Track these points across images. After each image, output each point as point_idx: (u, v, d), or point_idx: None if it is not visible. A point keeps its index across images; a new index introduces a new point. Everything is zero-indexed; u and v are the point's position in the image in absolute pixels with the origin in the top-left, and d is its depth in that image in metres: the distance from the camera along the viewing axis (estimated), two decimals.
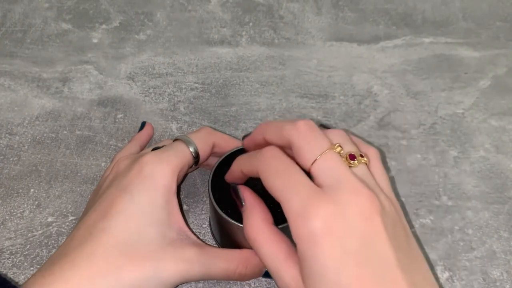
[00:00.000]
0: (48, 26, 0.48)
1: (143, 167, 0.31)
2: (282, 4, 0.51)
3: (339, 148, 0.27)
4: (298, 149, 0.27)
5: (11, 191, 0.38)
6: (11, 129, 0.41)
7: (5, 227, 0.36)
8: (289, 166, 0.27)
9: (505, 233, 0.37)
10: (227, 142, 0.36)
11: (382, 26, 0.49)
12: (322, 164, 0.26)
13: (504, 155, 0.41)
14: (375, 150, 0.30)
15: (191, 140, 0.34)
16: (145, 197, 0.30)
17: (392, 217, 0.26)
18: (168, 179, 0.31)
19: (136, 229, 0.29)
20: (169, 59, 0.46)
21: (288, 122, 0.29)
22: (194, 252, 0.30)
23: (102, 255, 0.27)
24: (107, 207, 0.30)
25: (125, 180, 0.31)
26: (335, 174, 0.26)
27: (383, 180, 0.28)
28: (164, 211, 0.30)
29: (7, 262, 0.34)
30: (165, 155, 0.32)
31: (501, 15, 0.50)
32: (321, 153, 0.26)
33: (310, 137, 0.27)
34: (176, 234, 0.30)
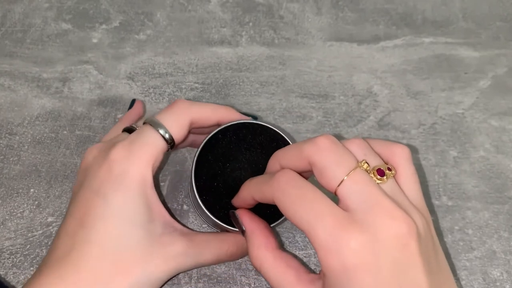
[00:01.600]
0: (48, 26, 0.48)
1: (112, 165, 0.28)
2: (282, 4, 0.51)
3: (365, 164, 0.25)
4: (322, 169, 0.25)
5: (11, 191, 0.38)
6: (11, 129, 0.41)
7: (5, 227, 0.36)
8: (310, 191, 0.24)
9: (505, 233, 0.37)
10: (210, 116, 0.32)
11: (382, 26, 0.49)
12: (350, 185, 0.24)
13: (504, 155, 0.41)
14: (402, 149, 0.27)
15: (160, 122, 0.30)
16: (120, 199, 0.28)
17: (426, 238, 0.24)
18: (141, 175, 0.28)
19: (118, 234, 0.27)
20: (169, 59, 0.46)
21: (307, 141, 0.26)
22: (183, 246, 0.29)
23: (89, 267, 0.26)
24: (83, 213, 0.28)
25: (96, 181, 0.28)
26: (365, 196, 0.24)
27: (413, 190, 0.26)
28: (144, 208, 0.28)
29: (7, 262, 0.34)
30: (134, 148, 0.29)
31: (501, 15, 0.50)
32: (348, 173, 0.24)
33: (333, 155, 0.25)
34: (162, 228, 0.29)
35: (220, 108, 0.32)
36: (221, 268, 0.35)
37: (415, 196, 0.26)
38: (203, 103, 0.32)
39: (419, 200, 0.26)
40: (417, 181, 0.27)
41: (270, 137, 0.33)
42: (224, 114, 0.32)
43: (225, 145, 0.32)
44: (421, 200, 0.26)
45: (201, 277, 0.34)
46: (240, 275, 0.34)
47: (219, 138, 0.32)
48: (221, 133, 0.32)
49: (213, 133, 0.32)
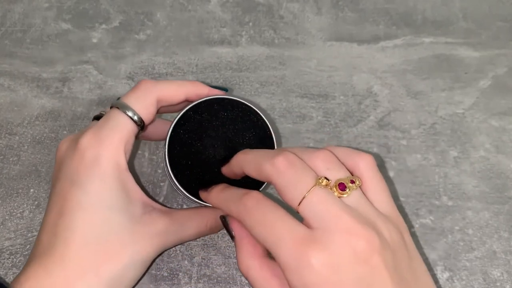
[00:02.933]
0: (48, 26, 0.48)
1: (83, 153, 0.28)
2: (282, 4, 0.51)
3: (325, 181, 0.25)
4: (281, 190, 0.25)
5: (11, 191, 0.38)
6: (10, 129, 0.41)
7: (5, 227, 0.36)
8: (273, 213, 0.25)
9: (505, 233, 0.37)
10: (176, 92, 0.32)
11: (382, 26, 0.49)
12: (309, 204, 0.24)
13: (504, 155, 0.41)
14: (367, 158, 0.27)
15: (127, 104, 0.30)
16: (96, 185, 0.28)
17: (396, 248, 0.24)
18: (114, 159, 0.28)
19: (100, 221, 0.27)
20: (169, 59, 0.46)
21: (266, 158, 0.26)
22: (164, 223, 0.29)
23: (74, 257, 0.26)
24: (61, 204, 0.28)
25: (70, 170, 0.28)
26: (323, 213, 0.24)
27: (382, 199, 0.26)
28: (121, 192, 0.28)
29: (6, 262, 0.34)
30: (103, 132, 0.29)
31: (501, 15, 0.50)
32: (307, 191, 0.24)
33: (291, 175, 0.25)
34: (141, 209, 0.29)
35: (187, 84, 0.32)
36: (221, 268, 0.35)
37: (385, 204, 0.26)
38: (169, 80, 0.32)
39: (389, 209, 0.26)
40: (385, 189, 0.27)
41: (242, 112, 0.33)
42: (192, 89, 0.32)
43: (197, 122, 0.32)
44: (392, 208, 0.26)
45: (201, 277, 0.34)
46: (240, 275, 0.34)
47: (190, 116, 0.32)
48: (192, 110, 0.32)
49: (184, 111, 0.32)
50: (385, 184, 0.27)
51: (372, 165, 0.27)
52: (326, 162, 0.26)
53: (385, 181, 0.27)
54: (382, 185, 0.27)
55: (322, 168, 0.26)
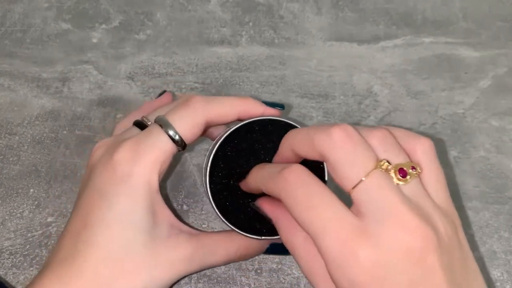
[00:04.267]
0: (47, 26, 0.48)
1: (116, 167, 0.27)
2: (282, 4, 0.51)
3: (386, 164, 0.22)
4: (335, 167, 0.22)
5: (11, 191, 0.38)
6: (10, 129, 0.41)
7: (4, 227, 0.36)
8: (319, 195, 0.22)
9: (505, 233, 0.37)
10: (228, 113, 0.29)
11: (382, 26, 0.49)
12: (366, 189, 0.21)
13: (505, 155, 0.41)
14: (426, 143, 0.24)
15: (170, 122, 0.28)
16: (123, 203, 0.27)
17: (451, 246, 0.22)
18: (147, 179, 0.27)
19: (122, 238, 0.26)
20: (169, 59, 0.46)
21: (320, 130, 0.23)
22: (190, 249, 0.28)
23: (92, 271, 0.26)
24: (86, 213, 0.27)
25: (100, 181, 0.28)
26: (381, 203, 0.21)
27: (439, 190, 0.24)
28: (148, 213, 0.27)
29: (6, 263, 0.34)
30: (140, 149, 0.28)
31: (501, 15, 0.50)
32: (366, 174, 0.21)
33: (349, 151, 0.22)
34: (167, 231, 0.28)
35: (240, 102, 0.29)
36: (221, 269, 0.35)
37: (441, 197, 0.24)
38: (221, 98, 0.29)
39: (446, 201, 0.24)
40: (443, 180, 0.24)
41: None
42: (245, 109, 0.29)
43: (243, 143, 0.29)
44: (448, 201, 0.24)
45: (201, 277, 0.34)
46: (240, 275, 0.34)
47: (238, 136, 0.29)
48: (240, 131, 0.29)
49: (231, 131, 0.29)
50: (443, 173, 0.25)
51: (431, 151, 0.24)
52: (385, 143, 0.23)
53: (442, 169, 0.25)
54: (440, 174, 0.24)
55: (380, 149, 0.23)
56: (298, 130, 0.26)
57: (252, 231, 0.29)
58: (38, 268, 0.34)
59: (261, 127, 0.30)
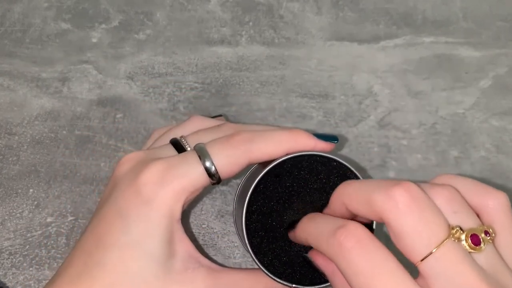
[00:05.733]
0: (47, 26, 0.48)
1: (141, 188, 0.25)
2: (282, 4, 0.50)
3: (459, 232, 0.19)
4: (400, 236, 0.19)
5: (10, 191, 0.38)
6: (10, 129, 0.41)
7: (4, 227, 0.36)
8: (383, 265, 0.19)
9: None
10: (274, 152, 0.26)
11: (383, 26, 0.49)
12: (438, 262, 0.19)
13: (505, 155, 0.41)
14: (500, 198, 0.21)
15: (209, 154, 0.26)
16: (142, 229, 0.25)
17: None
18: (170, 208, 0.26)
19: (134, 265, 0.25)
20: (169, 58, 0.46)
21: (379, 188, 0.20)
22: (206, 286, 0.26)
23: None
24: (103, 232, 0.26)
25: (122, 200, 0.26)
26: (454, 278, 0.18)
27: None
28: (165, 243, 0.26)
29: (6, 263, 0.34)
30: (170, 175, 0.26)
31: (501, 15, 0.50)
32: (437, 245, 0.19)
33: (416, 218, 0.19)
34: (184, 264, 0.26)
35: (289, 140, 0.27)
36: None
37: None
38: (268, 134, 0.27)
39: None
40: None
41: (344, 177, 0.27)
42: (294, 145, 0.27)
43: (287, 179, 0.27)
44: None
45: None
46: None
47: (282, 170, 0.27)
48: (285, 165, 0.27)
49: (275, 164, 0.26)
50: None
51: (507, 209, 0.21)
52: (453, 203, 0.20)
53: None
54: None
55: (449, 211, 0.20)
56: (352, 185, 0.23)
57: (283, 278, 0.27)
58: (37, 268, 0.34)
59: (310, 163, 0.27)
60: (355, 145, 0.41)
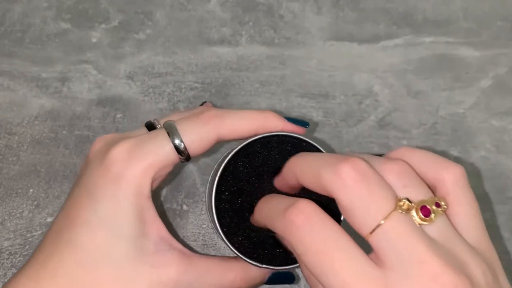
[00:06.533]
0: (47, 26, 0.48)
1: (110, 166, 0.25)
2: (282, 4, 0.50)
3: (406, 203, 0.19)
4: (347, 210, 0.20)
5: (10, 191, 0.38)
6: (10, 129, 0.41)
7: (4, 227, 0.36)
8: (334, 242, 0.19)
9: (506, 233, 0.37)
10: (245, 128, 0.27)
11: (383, 26, 0.49)
12: (386, 235, 0.19)
13: (505, 155, 0.41)
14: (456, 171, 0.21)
15: (178, 131, 0.26)
16: (110, 206, 0.25)
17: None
18: (138, 183, 0.25)
19: (104, 244, 0.24)
20: (169, 58, 0.46)
21: (327, 164, 0.20)
22: (177, 270, 0.25)
23: (65, 273, 0.24)
24: (72, 212, 0.26)
25: (91, 179, 0.26)
26: (403, 250, 0.18)
27: (472, 227, 0.21)
28: (135, 221, 0.25)
29: (6, 263, 0.34)
30: (138, 151, 0.25)
31: (502, 14, 0.50)
32: (384, 217, 0.19)
33: (363, 192, 0.19)
34: (155, 246, 0.25)
35: (258, 117, 0.27)
36: None
37: (475, 235, 0.21)
38: (238, 112, 0.27)
39: (481, 241, 0.21)
40: (477, 213, 0.21)
41: None
42: (263, 124, 0.27)
43: (257, 160, 0.27)
44: (484, 240, 0.21)
45: None
46: None
47: (251, 151, 0.27)
48: (254, 146, 0.27)
49: (243, 145, 0.26)
50: (477, 207, 0.22)
51: (462, 181, 0.21)
52: (403, 176, 0.20)
53: (477, 202, 0.22)
54: (474, 208, 0.21)
55: (399, 185, 0.20)
56: (303, 158, 0.23)
57: (254, 258, 0.26)
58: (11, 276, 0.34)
59: (279, 144, 0.27)
60: (355, 145, 0.41)
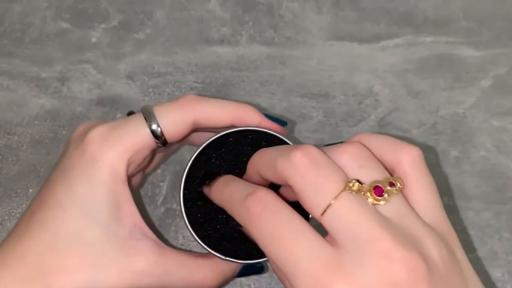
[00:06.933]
0: (47, 26, 0.48)
1: (86, 147, 0.25)
2: (282, 3, 0.50)
3: (356, 184, 0.19)
4: (300, 195, 0.20)
5: (10, 191, 0.37)
6: (9, 129, 0.41)
7: (3, 227, 0.36)
8: (287, 225, 0.19)
9: (506, 233, 0.37)
10: (221, 116, 0.27)
11: (383, 25, 0.49)
12: (336, 214, 0.19)
13: (505, 155, 0.41)
14: (412, 151, 0.21)
15: (155, 115, 0.26)
16: (84, 188, 0.24)
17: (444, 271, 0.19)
18: (112, 166, 0.25)
19: (75, 225, 0.24)
20: (169, 58, 0.46)
21: (281, 154, 0.21)
22: (148, 261, 0.24)
23: (35, 254, 0.24)
24: (46, 195, 0.25)
25: (68, 161, 0.25)
26: (355, 229, 0.19)
27: (429, 205, 0.21)
28: (109, 205, 0.24)
29: None
30: (114, 133, 0.25)
31: (502, 14, 0.50)
32: (334, 197, 0.19)
33: (313, 176, 0.20)
34: (129, 233, 0.25)
35: (236, 108, 0.27)
36: None
37: (432, 213, 0.21)
38: (216, 100, 0.27)
39: (438, 219, 0.21)
40: (434, 192, 0.22)
41: None
42: (240, 116, 0.27)
43: (230, 153, 0.27)
44: (441, 217, 0.21)
45: None
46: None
47: (226, 144, 0.27)
48: (229, 138, 0.27)
49: (218, 136, 0.27)
50: (434, 186, 0.22)
51: (419, 161, 0.22)
52: (358, 158, 0.21)
53: (434, 182, 0.22)
54: (431, 188, 0.22)
55: (353, 166, 0.20)
56: (262, 152, 0.23)
57: (219, 251, 0.26)
58: None
59: (254, 139, 0.27)
60: None
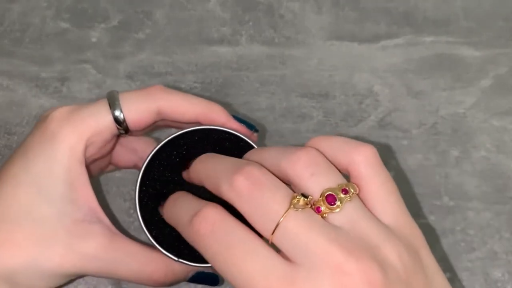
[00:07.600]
0: (46, 25, 0.48)
1: (48, 125, 0.25)
2: (282, 3, 0.50)
3: (302, 199, 0.19)
4: (249, 219, 0.20)
5: None
6: (9, 129, 0.41)
7: None
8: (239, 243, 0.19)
9: (506, 233, 0.37)
10: (185, 110, 0.26)
11: (383, 25, 0.49)
12: (284, 233, 0.19)
13: (505, 155, 0.41)
14: (366, 151, 0.21)
15: (119, 101, 0.26)
16: (41, 165, 0.24)
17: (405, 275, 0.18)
18: (70, 145, 0.24)
19: (26, 201, 0.24)
20: (169, 58, 0.46)
21: (224, 174, 0.20)
22: (98, 246, 0.24)
23: None
24: (3, 172, 0.25)
25: (31, 138, 0.26)
26: (305, 245, 0.18)
27: (388, 206, 0.21)
28: (64, 184, 0.24)
29: None
30: (76, 114, 0.25)
31: (503, 14, 0.50)
32: (281, 217, 0.19)
33: (257, 199, 0.19)
34: (82, 215, 0.24)
35: (203, 104, 0.27)
36: None
37: (392, 214, 0.20)
38: (185, 94, 0.27)
39: (399, 218, 0.21)
40: (392, 192, 0.21)
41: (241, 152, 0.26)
42: (205, 112, 0.27)
43: (193, 151, 0.26)
44: (402, 216, 0.21)
45: None
46: None
47: (188, 141, 0.26)
48: (192, 135, 0.26)
49: (181, 132, 0.26)
50: (392, 185, 0.21)
51: (373, 161, 0.21)
52: (310, 166, 0.20)
53: (392, 180, 0.22)
54: (387, 186, 0.21)
55: (306, 176, 0.20)
56: (205, 164, 0.23)
57: (171, 251, 0.25)
58: None
59: (218, 139, 0.26)
60: None
